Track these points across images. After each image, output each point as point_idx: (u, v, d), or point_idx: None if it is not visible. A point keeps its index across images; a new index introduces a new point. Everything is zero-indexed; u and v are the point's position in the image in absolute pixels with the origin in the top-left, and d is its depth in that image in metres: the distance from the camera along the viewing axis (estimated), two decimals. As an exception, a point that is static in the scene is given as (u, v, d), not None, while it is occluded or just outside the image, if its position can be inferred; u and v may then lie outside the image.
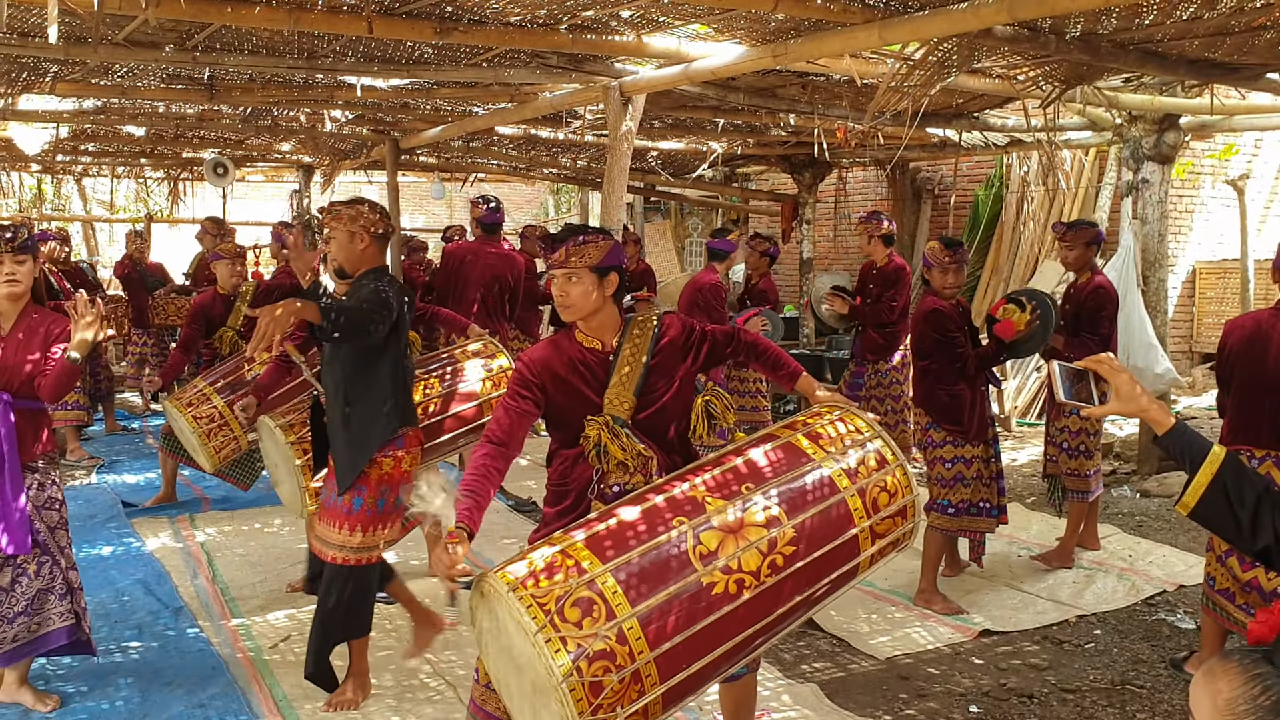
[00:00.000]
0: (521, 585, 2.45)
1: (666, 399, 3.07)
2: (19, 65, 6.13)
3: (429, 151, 11.23)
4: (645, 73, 6.12)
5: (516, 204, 23.63)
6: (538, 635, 2.35)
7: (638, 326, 3.12)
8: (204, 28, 5.18)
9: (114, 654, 4.60)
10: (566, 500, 3.09)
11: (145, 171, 15.02)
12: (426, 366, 5.09)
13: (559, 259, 2.98)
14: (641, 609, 2.45)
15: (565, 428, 3.09)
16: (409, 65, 6.08)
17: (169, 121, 8.98)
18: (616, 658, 2.38)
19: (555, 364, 3.05)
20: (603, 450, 2.97)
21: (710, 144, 9.98)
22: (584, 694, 2.32)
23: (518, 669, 2.49)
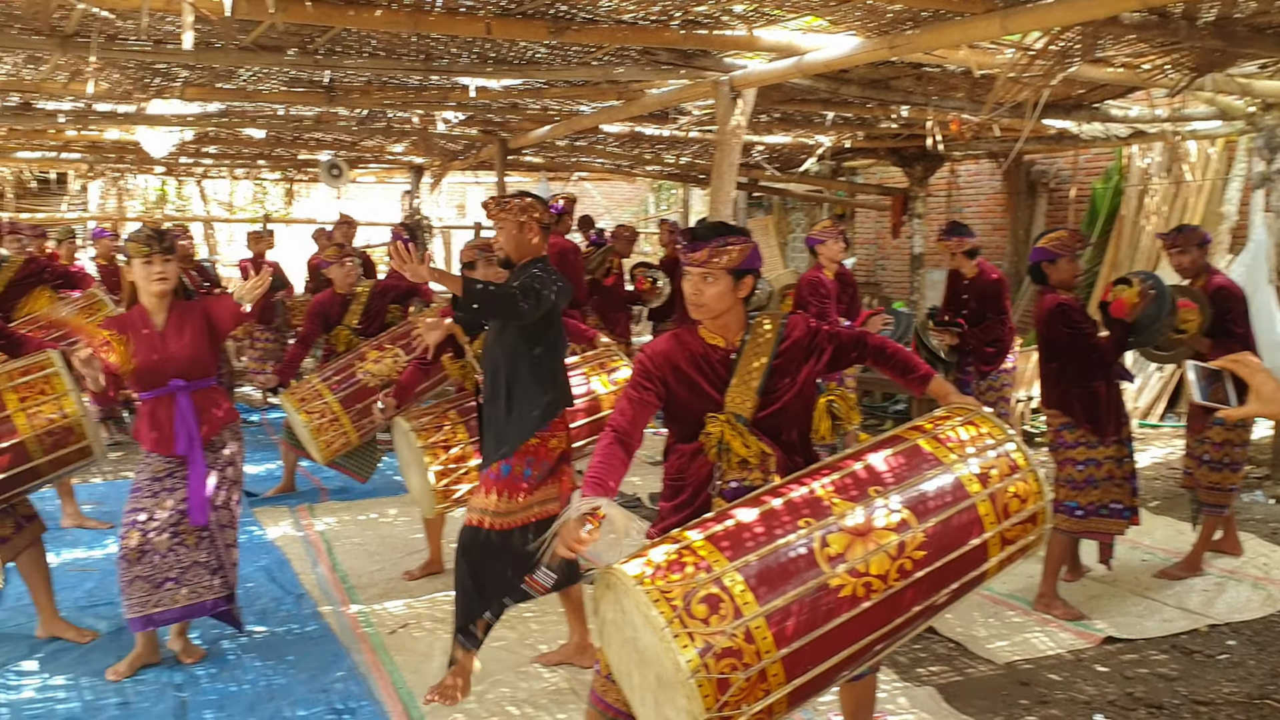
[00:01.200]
0: (649, 579, 2.46)
1: (788, 399, 3.05)
2: (152, 71, 6.38)
3: (534, 151, 11.35)
4: (755, 66, 6.09)
5: (616, 201, 23.75)
6: (666, 629, 2.36)
7: (762, 326, 3.11)
8: (325, 31, 5.31)
9: (240, 638, 4.76)
10: (683, 495, 3.09)
11: (262, 173, 15.52)
12: None
13: (699, 258, 2.97)
14: (768, 608, 2.45)
15: (683, 423, 3.09)
16: (521, 65, 6.15)
17: (287, 124, 9.24)
18: (743, 656, 2.38)
19: (677, 357, 3.06)
20: (724, 447, 2.97)
21: (818, 137, 9.88)
22: (711, 690, 2.34)
23: (642, 661, 2.51)
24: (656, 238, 13.43)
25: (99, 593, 5.33)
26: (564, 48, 5.80)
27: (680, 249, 3.05)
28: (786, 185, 13.71)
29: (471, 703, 4.10)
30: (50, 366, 4.27)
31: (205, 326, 4.36)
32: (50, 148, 12.09)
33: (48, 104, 7.91)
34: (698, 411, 3.03)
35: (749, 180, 12.60)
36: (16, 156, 13.03)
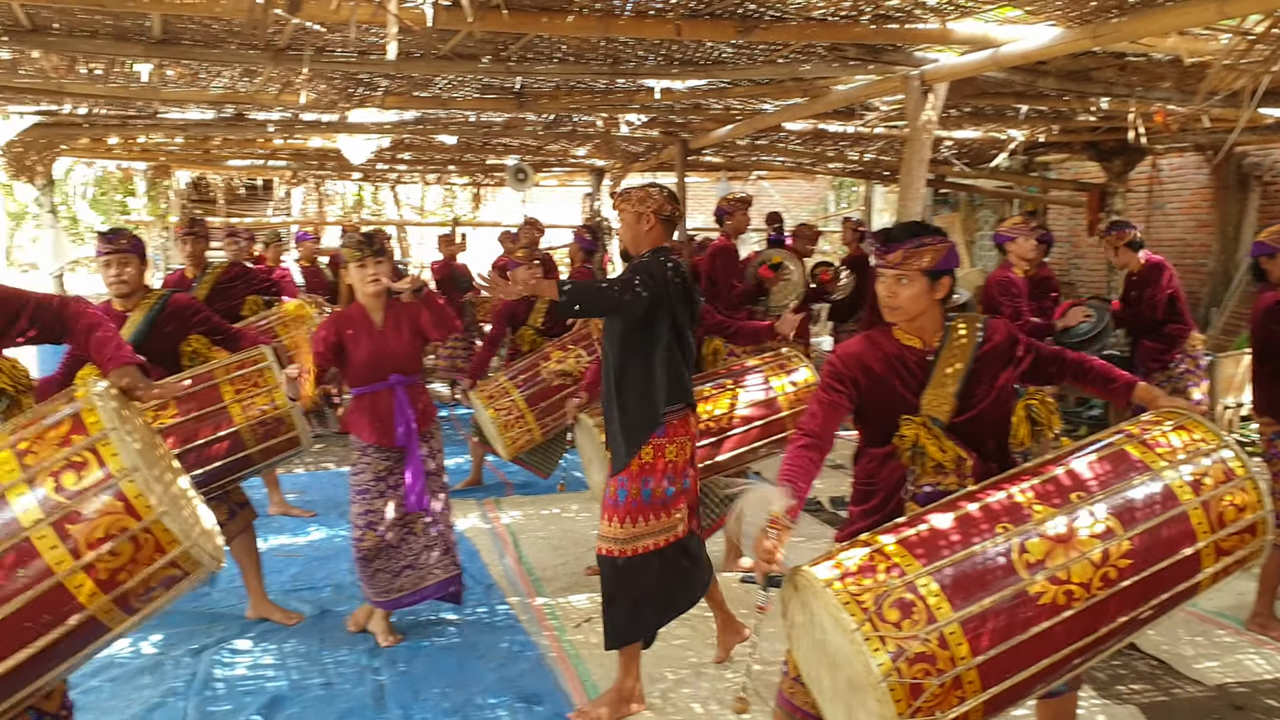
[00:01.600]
0: (839, 582, 2.44)
1: (985, 405, 2.97)
2: (355, 81, 6.69)
3: (715, 151, 11.36)
4: (948, 60, 5.93)
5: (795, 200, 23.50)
6: (856, 632, 2.34)
7: (961, 329, 3.03)
8: (518, 39, 5.45)
9: (433, 625, 4.94)
10: (874, 499, 3.04)
11: (451, 178, 16.08)
12: (729, 376, 5.19)
13: (894, 260, 2.91)
14: (963, 614, 2.40)
15: (876, 425, 3.03)
16: (707, 66, 6.17)
17: (478, 130, 9.54)
18: (937, 661, 2.34)
19: (870, 360, 3.01)
20: (919, 451, 2.91)
21: (1010, 132, 9.55)
22: (903, 695, 2.30)
23: (832, 665, 2.49)
24: (839, 236, 13.25)
25: (303, 577, 5.63)
26: (750, 46, 5.78)
27: (875, 251, 2.99)
28: (974, 181, 13.31)
29: (656, 700, 4.14)
30: (263, 361, 4.55)
31: (419, 327, 4.63)
32: (259, 156, 12.84)
33: (259, 114, 8.39)
34: (891, 414, 2.97)
35: (935, 176, 12.27)
36: (228, 164, 13.92)
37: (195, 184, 16.50)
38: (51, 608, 2.28)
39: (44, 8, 4.83)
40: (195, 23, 5.13)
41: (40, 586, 2.26)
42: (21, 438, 2.39)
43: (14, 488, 2.31)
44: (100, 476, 2.32)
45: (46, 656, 2.32)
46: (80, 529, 2.28)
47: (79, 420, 2.41)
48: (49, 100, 7.42)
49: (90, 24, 5.19)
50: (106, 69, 6.42)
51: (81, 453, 2.34)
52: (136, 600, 2.39)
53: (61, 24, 5.20)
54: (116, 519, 2.30)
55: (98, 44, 5.41)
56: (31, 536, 2.26)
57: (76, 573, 2.28)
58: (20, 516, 2.27)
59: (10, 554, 2.26)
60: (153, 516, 2.32)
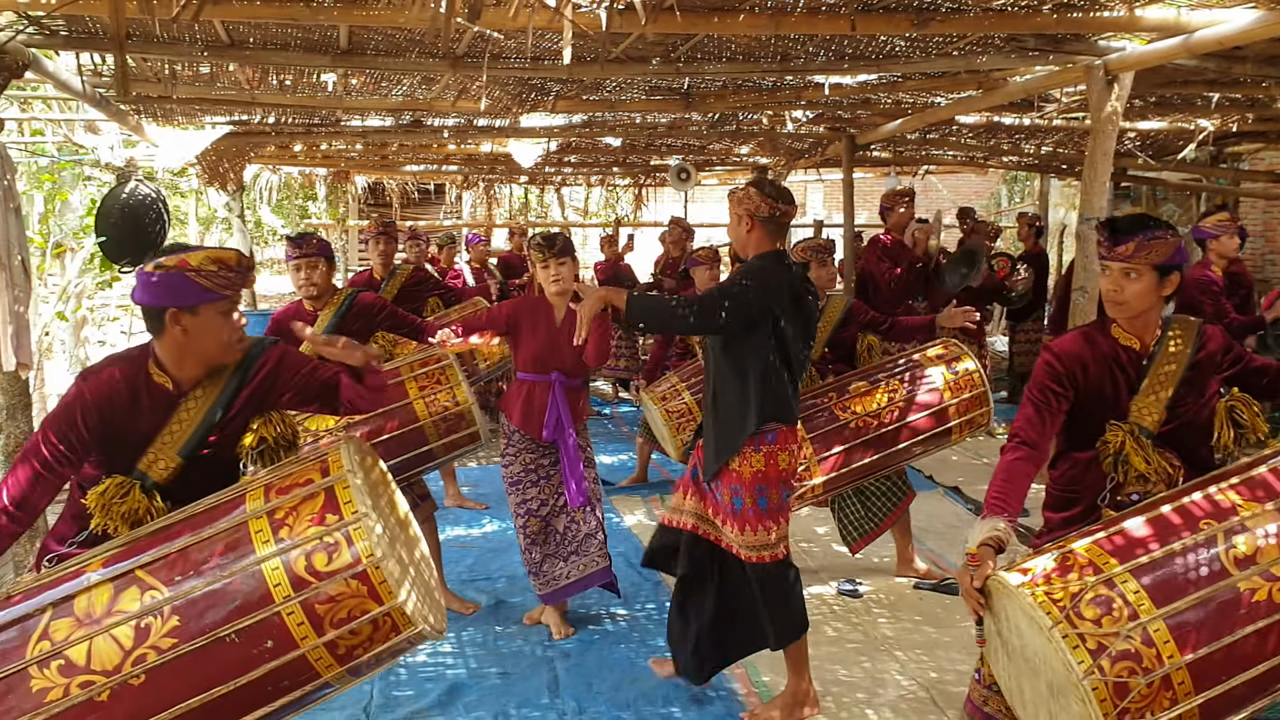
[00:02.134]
0: (1032, 583, 2.38)
1: (1194, 414, 2.84)
2: (528, 87, 6.84)
3: (882, 146, 11.16)
4: (1134, 48, 5.67)
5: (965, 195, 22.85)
6: (1053, 630, 2.28)
7: (1178, 332, 2.89)
8: (687, 39, 5.48)
9: (604, 620, 5.01)
10: (1075, 507, 2.92)
11: (614, 179, 16.27)
12: (882, 371, 5.11)
13: (1125, 252, 2.79)
14: (1168, 611, 2.30)
15: (1081, 428, 2.91)
16: (879, 60, 6.06)
17: (642, 131, 9.62)
18: (1142, 660, 2.25)
19: (1088, 359, 2.89)
20: (1123, 459, 2.78)
21: (1199, 121, 9.06)
22: (1108, 694, 2.22)
23: (1032, 671, 2.42)
24: (1015, 232, 12.84)
25: (478, 568, 5.79)
26: (924, 39, 5.66)
27: (1100, 243, 2.87)
28: (1159, 174, 12.69)
29: (829, 703, 4.10)
30: (445, 359, 4.71)
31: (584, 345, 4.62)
32: (433, 160, 13.27)
33: (435, 121, 8.67)
34: (1098, 417, 2.86)
35: (1116, 169, 11.75)
36: (404, 169, 14.44)
37: (372, 188, 17.19)
38: (291, 675, 2.42)
39: (242, 23, 5.11)
40: (379, 33, 5.34)
41: (285, 658, 2.39)
42: (277, 506, 2.51)
43: (268, 559, 2.43)
44: (349, 561, 2.42)
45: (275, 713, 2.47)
46: (326, 609, 2.40)
47: (333, 496, 2.50)
48: (242, 111, 7.84)
49: (283, 37, 5.46)
50: (295, 80, 6.75)
51: (335, 534, 2.45)
52: (366, 668, 2.53)
53: (257, 38, 5.49)
54: (360, 603, 2.42)
55: (289, 55, 5.69)
56: (282, 612, 2.39)
57: (319, 648, 2.41)
58: (273, 590, 2.40)
59: (261, 626, 2.39)
60: (394, 603, 2.43)
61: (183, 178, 13.27)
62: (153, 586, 2.43)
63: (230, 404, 2.83)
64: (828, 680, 4.31)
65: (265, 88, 6.87)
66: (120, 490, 2.70)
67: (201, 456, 2.81)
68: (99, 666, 2.34)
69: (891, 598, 5.26)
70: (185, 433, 2.77)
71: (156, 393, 2.78)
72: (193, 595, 2.41)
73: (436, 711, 4.10)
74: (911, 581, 5.45)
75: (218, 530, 2.50)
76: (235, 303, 2.78)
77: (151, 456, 2.75)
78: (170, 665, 2.36)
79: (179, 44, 5.47)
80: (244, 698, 2.39)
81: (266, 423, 2.88)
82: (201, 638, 2.36)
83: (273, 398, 2.93)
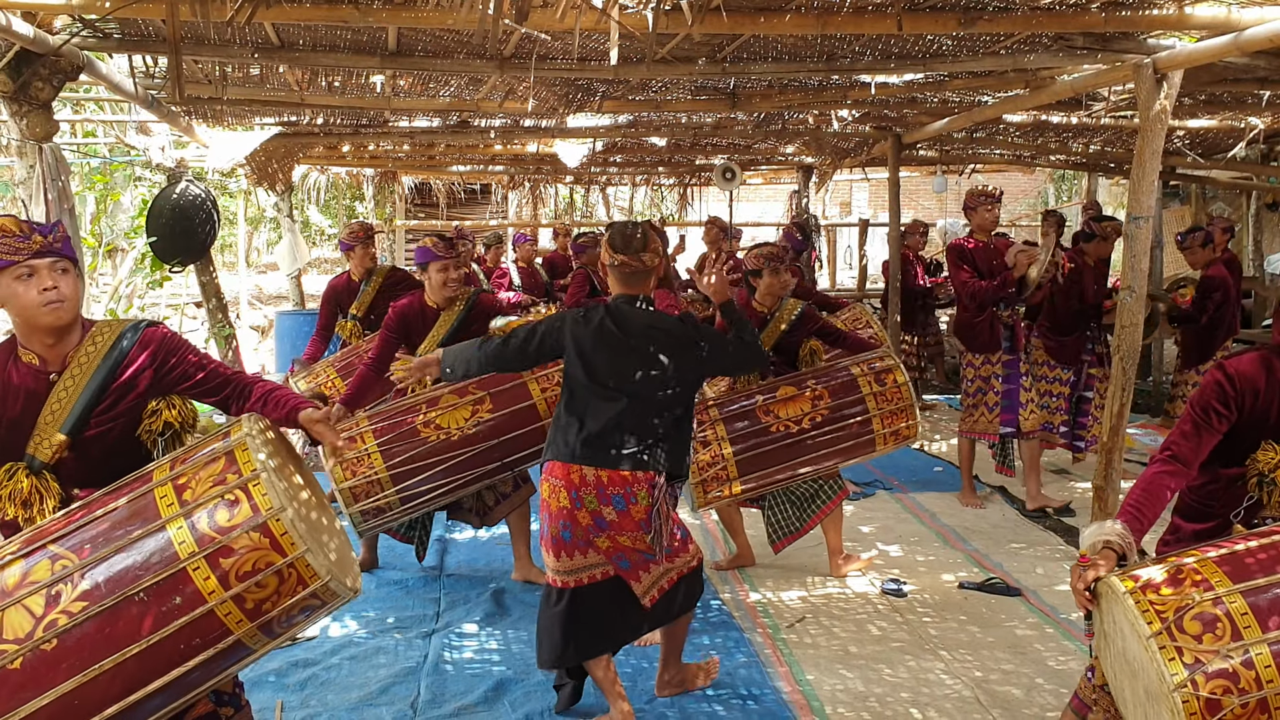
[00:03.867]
0: (1140, 591, 2.41)
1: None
2: (575, 87, 6.88)
3: (928, 145, 11.09)
4: (1183, 46, 5.60)
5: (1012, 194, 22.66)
6: (1151, 640, 2.31)
7: None
8: (734, 39, 5.48)
9: (650, 619, 5.02)
10: (1211, 521, 2.87)
11: (659, 179, 16.28)
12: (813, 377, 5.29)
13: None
14: (1274, 636, 2.29)
15: (1235, 445, 2.84)
16: (925, 59, 6.04)
17: (688, 131, 9.64)
18: (1240, 680, 2.26)
19: (1262, 385, 2.80)
20: (1270, 481, 2.74)
21: (1250, 119, 8.92)
22: (1198, 709, 2.24)
23: (1132, 674, 2.47)
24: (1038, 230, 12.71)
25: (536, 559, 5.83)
26: (971, 38, 5.63)
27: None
28: (1208, 173, 12.50)
29: (874, 704, 4.09)
30: None
31: None
32: (479, 161, 13.37)
33: (481, 121, 8.74)
34: (1256, 437, 2.79)
35: (1165, 168, 11.59)
36: (451, 169, 14.55)
37: (419, 188, 17.33)
38: (202, 632, 2.48)
39: (292, 25, 5.19)
40: (428, 34, 5.40)
41: (194, 613, 2.45)
42: (180, 472, 2.60)
43: (173, 520, 2.52)
44: (249, 514, 2.50)
45: (195, 673, 2.51)
46: (231, 562, 2.47)
47: (232, 458, 2.60)
48: (291, 112, 7.95)
49: (331, 38, 5.53)
50: (344, 81, 6.84)
51: (234, 491, 2.53)
52: (278, 626, 2.59)
53: (306, 40, 5.57)
54: (264, 554, 2.49)
55: (338, 57, 5.77)
56: (188, 568, 2.46)
57: (226, 602, 2.47)
58: (179, 549, 2.48)
59: (169, 583, 2.46)
60: (297, 554, 2.50)
61: (232, 178, 13.44)
62: (63, 557, 2.50)
63: (108, 381, 2.83)
64: (872, 680, 4.30)
65: (314, 89, 6.97)
66: (7, 474, 2.75)
67: (92, 437, 2.83)
68: (10, 635, 2.40)
69: (936, 597, 5.23)
70: (64, 410, 2.79)
71: (25, 370, 2.81)
72: (101, 560, 2.48)
73: (483, 708, 4.13)
74: (957, 581, 5.42)
75: (125, 501, 2.59)
76: (32, 267, 2.73)
77: (37, 438, 2.79)
78: (80, 629, 2.42)
79: (230, 46, 5.56)
80: (157, 657, 2.44)
81: (169, 407, 2.92)
82: (110, 599, 2.43)
83: (167, 379, 2.93)
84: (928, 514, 6.67)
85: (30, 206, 5.00)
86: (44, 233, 2.76)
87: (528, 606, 5.19)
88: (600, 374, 3.75)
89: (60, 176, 5.08)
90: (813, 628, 4.86)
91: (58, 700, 2.37)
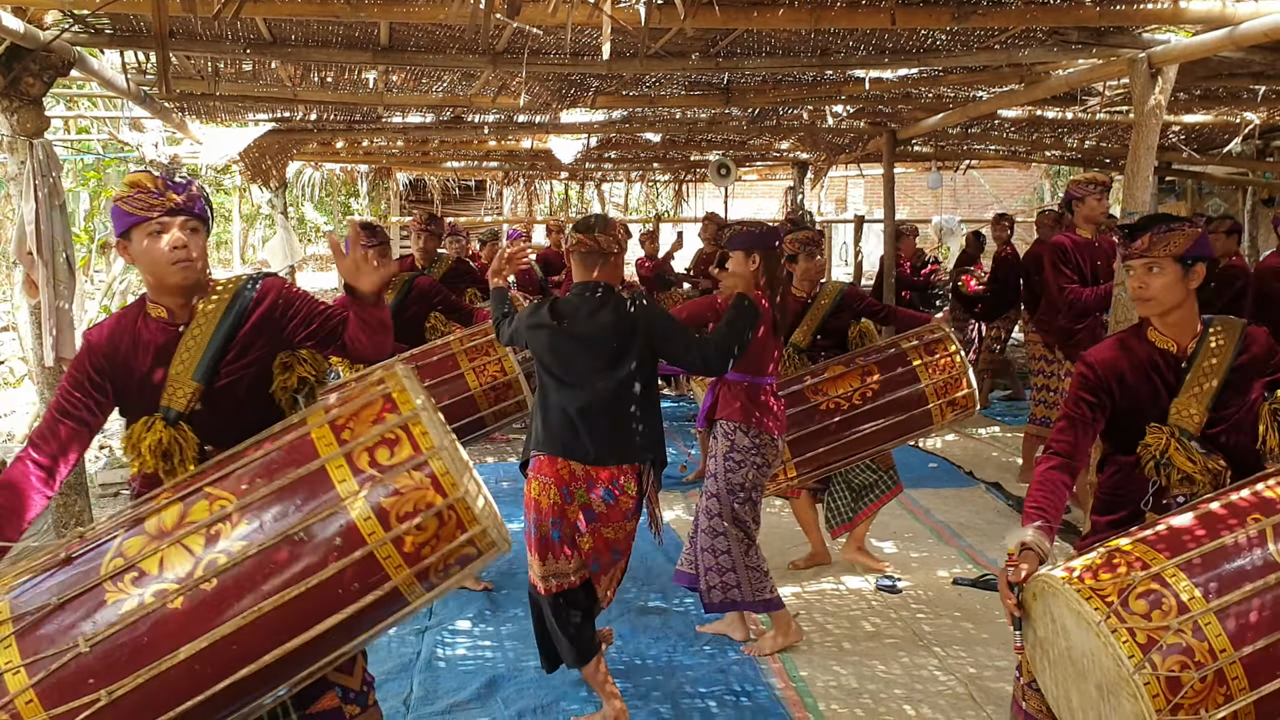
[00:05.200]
0: (1079, 579, 2.36)
1: (1239, 417, 2.79)
2: (568, 83, 6.86)
3: (923, 140, 11.08)
4: (1178, 41, 5.59)
5: (1007, 190, 22.68)
6: (1101, 625, 2.24)
7: (1220, 331, 2.85)
8: (727, 34, 5.47)
9: (647, 614, 5.02)
10: (1121, 511, 2.88)
11: (654, 175, 16.26)
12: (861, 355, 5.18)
13: (1140, 247, 2.78)
14: (1219, 604, 2.26)
15: (1123, 433, 2.89)
16: (919, 54, 6.02)
17: (682, 127, 9.62)
18: (1195, 654, 2.21)
19: (1123, 366, 2.86)
20: (1166, 462, 2.76)
21: (1245, 114, 8.92)
22: (1160, 689, 2.18)
23: (1080, 675, 2.39)
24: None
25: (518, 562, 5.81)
26: (965, 32, 5.62)
27: (1120, 243, 2.86)
28: (1203, 168, 12.50)
29: (867, 700, 4.09)
30: (493, 333, 4.87)
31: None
32: (473, 157, 13.33)
33: (475, 117, 8.72)
34: (1139, 421, 2.83)
35: (1160, 163, 11.59)
36: (445, 166, 14.52)
37: (413, 184, 17.29)
38: (362, 576, 2.40)
39: (284, 20, 5.17)
40: (420, 29, 5.38)
41: (354, 555, 2.37)
42: (339, 414, 2.53)
43: (332, 460, 2.44)
44: (411, 453, 2.43)
45: (351, 623, 2.43)
46: (391, 503, 2.39)
47: (390, 399, 2.52)
48: (284, 108, 7.93)
49: (324, 34, 5.51)
50: (337, 77, 6.81)
51: (394, 430, 2.46)
52: (435, 576, 2.49)
53: (298, 35, 5.55)
54: (424, 494, 2.40)
55: (330, 52, 5.75)
56: (348, 506, 2.39)
57: (386, 544, 2.38)
58: (339, 487, 2.41)
59: (328, 522, 2.39)
60: (458, 494, 2.41)
61: (226, 175, 13.42)
62: (220, 497, 2.45)
63: (234, 330, 2.84)
64: (865, 675, 4.29)
65: (307, 85, 6.94)
66: (144, 425, 2.76)
67: (222, 388, 2.82)
68: (171, 575, 2.35)
69: (930, 593, 5.23)
70: (194, 359, 2.79)
71: (154, 325, 2.83)
72: (260, 500, 2.42)
73: (476, 704, 4.12)
74: (951, 577, 5.42)
75: (281, 443, 2.53)
76: (163, 224, 2.74)
77: (170, 389, 2.79)
78: (241, 568, 2.36)
79: (221, 41, 5.54)
80: (317, 600, 2.37)
81: (299, 362, 2.90)
82: (270, 538, 2.37)
83: (286, 329, 2.91)
84: (922, 510, 6.67)
85: (20, 202, 4.98)
86: (178, 190, 2.75)
87: (520, 604, 5.18)
88: (556, 368, 3.78)
89: (51, 172, 5.05)
90: (806, 624, 4.85)
91: (218, 642, 2.32)
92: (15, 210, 5.00)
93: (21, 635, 2.33)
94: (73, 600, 2.36)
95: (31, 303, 5.00)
